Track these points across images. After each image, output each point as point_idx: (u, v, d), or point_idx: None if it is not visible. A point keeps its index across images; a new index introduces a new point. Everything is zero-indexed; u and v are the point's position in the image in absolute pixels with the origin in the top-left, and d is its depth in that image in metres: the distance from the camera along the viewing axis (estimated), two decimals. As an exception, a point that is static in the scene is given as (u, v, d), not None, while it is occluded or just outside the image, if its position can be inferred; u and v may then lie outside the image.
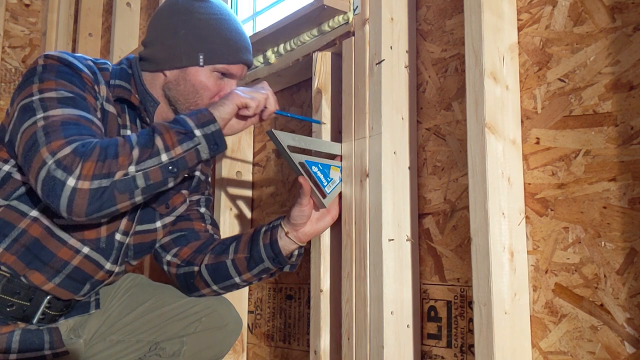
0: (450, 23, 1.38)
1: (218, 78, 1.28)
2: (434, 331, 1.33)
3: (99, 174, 1.03)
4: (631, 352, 1.01)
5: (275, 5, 2.02)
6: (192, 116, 1.14)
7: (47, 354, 1.18)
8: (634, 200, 1.03)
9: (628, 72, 1.06)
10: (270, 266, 1.31)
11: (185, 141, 1.10)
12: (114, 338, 1.32)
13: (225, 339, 1.36)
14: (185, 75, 1.27)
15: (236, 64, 1.29)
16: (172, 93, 1.28)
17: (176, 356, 1.31)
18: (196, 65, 1.26)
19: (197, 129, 1.12)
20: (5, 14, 2.97)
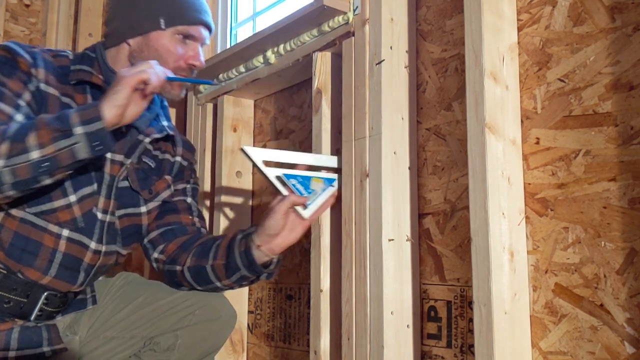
0: (450, 23, 1.38)
1: (181, 41, 1.28)
2: (434, 331, 1.33)
3: None
4: (631, 352, 1.01)
5: (275, 5, 2.02)
6: (78, 111, 1.08)
7: (46, 350, 1.18)
8: (634, 200, 1.03)
9: (628, 72, 1.06)
10: (247, 274, 1.28)
11: (60, 139, 1.05)
12: (108, 335, 1.31)
13: (220, 332, 1.35)
14: (147, 41, 1.27)
15: (197, 25, 1.29)
16: (136, 61, 1.27)
17: (171, 350, 1.30)
18: (158, 29, 1.26)
19: (78, 126, 1.06)
20: (5, 14, 2.97)
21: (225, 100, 1.93)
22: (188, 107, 2.12)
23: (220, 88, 1.95)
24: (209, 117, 2.02)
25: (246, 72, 1.83)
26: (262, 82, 1.81)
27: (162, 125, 1.38)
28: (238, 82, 1.87)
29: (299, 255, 1.75)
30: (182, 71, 1.30)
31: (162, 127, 1.38)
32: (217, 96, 1.97)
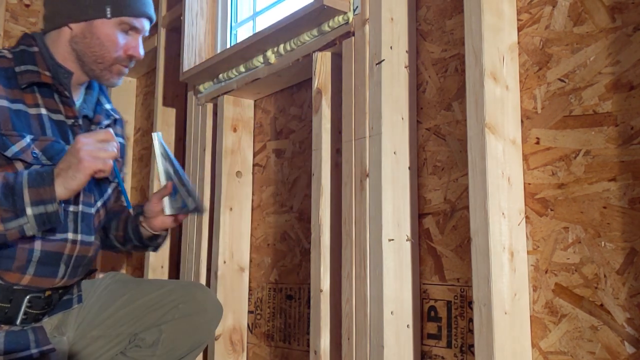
0: (450, 23, 1.38)
1: (123, 31, 1.30)
2: (434, 331, 1.33)
3: None
4: (631, 352, 1.01)
5: (275, 5, 2.02)
6: (32, 186, 1.09)
7: (34, 352, 1.18)
8: (634, 200, 1.03)
9: (628, 72, 1.06)
10: (138, 244, 1.44)
11: (12, 220, 1.07)
12: (95, 334, 1.32)
13: (205, 325, 1.36)
14: (91, 28, 1.28)
15: (141, 17, 1.32)
16: (79, 47, 1.29)
17: (155, 345, 1.31)
18: (103, 18, 1.28)
19: (30, 207, 1.07)
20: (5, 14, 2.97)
21: (225, 100, 1.93)
22: (188, 107, 2.12)
23: (220, 88, 1.95)
24: (209, 117, 2.02)
25: (246, 72, 1.83)
26: (262, 82, 1.81)
27: (106, 110, 1.41)
28: (238, 82, 1.87)
29: (299, 255, 1.75)
30: (122, 62, 1.32)
31: (107, 111, 1.41)
32: (217, 96, 1.97)
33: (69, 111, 1.28)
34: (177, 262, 2.17)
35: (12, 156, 1.16)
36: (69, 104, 1.28)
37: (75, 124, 1.29)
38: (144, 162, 2.54)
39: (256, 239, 1.92)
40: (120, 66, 1.32)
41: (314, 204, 1.52)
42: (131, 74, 2.63)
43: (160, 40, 2.30)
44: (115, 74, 1.33)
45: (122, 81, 1.37)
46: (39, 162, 1.19)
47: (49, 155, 1.21)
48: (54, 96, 1.27)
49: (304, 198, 1.76)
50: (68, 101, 1.28)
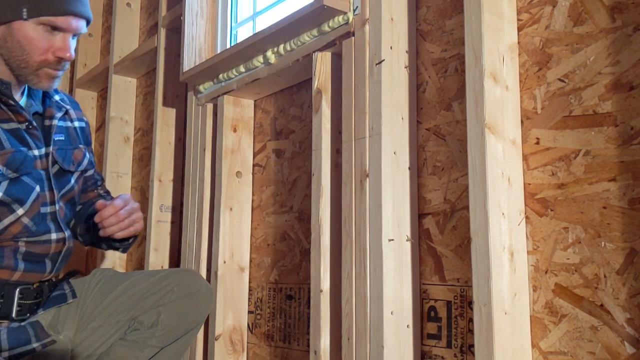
0: (450, 23, 1.38)
1: (47, 32, 1.23)
2: (434, 331, 1.33)
3: None
4: (631, 352, 1.01)
5: (275, 5, 2.02)
6: None
7: (36, 345, 1.20)
8: (634, 200, 1.03)
9: (628, 72, 1.06)
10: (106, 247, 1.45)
11: None
12: (94, 325, 1.34)
13: (199, 305, 1.39)
14: (10, 31, 1.22)
15: (64, 16, 1.23)
16: (3, 51, 1.24)
17: (155, 326, 1.33)
18: (20, 19, 1.21)
19: None
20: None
21: (225, 100, 1.93)
22: (188, 107, 2.12)
23: (220, 88, 1.95)
24: (209, 117, 2.02)
25: (246, 72, 1.83)
26: (262, 82, 1.81)
27: (56, 102, 1.38)
28: (238, 82, 1.87)
29: (299, 255, 1.75)
30: (50, 65, 1.26)
31: (57, 103, 1.37)
32: (217, 96, 1.97)
33: (19, 117, 1.25)
34: (177, 262, 2.18)
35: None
36: (17, 110, 1.25)
37: (30, 126, 1.26)
38: (144, 162, 2.54)
39: (256, 239, 1.92)
40: (48, 69, 1.25)
41: (314, 204, 1.52)
42: (131, 74, 2.63)
43: (160, 40, 2.30)
44: (44, 77, 1.26)
45: (56, 84, 1.30)
46: (7, 177, 1.19)
47: (14, 167, 1.20)
48: (1, 106, 1.24)
49: (304, 198, 1.76)
50: (16, 108, 1.25)
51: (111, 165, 2.55)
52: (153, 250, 2.18)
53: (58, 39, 1.24)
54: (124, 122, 2.64)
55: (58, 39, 1.24)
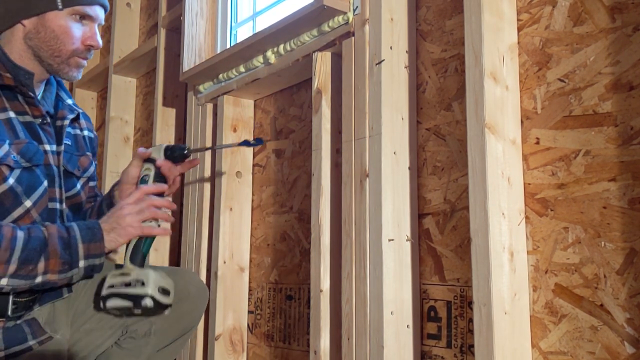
0: (450, 23, 1.38)
1: (77, 21, 1.28)
2: (433, 331, 1.33)
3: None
4: (631, 352, 1.01)
5: (275, 5, 2.02)
6: (85, 242, 1.16)
7: (32, 343, 1.19)
8: (634, 200, 1.03)
9: (628, 72, 1.06)
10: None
11: (66, 272, 1.14)
12: (87, 327, 1.32)
13: (192, 309, 1.37)
14: (44, 21, 1.26)
15: (94, 5, 1.30)
16: (34, 42, 1.27)
17: (148, 335, 1.32)
18: (55, 9, 1.25)
19: (82, 260, 1.15)
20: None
21: (225, 100, 1.93)
22: (188, 107, 2.12)
23: (220, 88, 1.95)
24: (209, 117, 2.02)
25: (246, 72, 1.83)
26: (262, 82, 1.81)
27: (68, 105, 1.40)
28: (238, 82, 1.87)
29: (299, 255, 1.75)
30: (80, 53, 1.30)
31: (69, 106, 1.40)
32: (217, 96, 1.97)
33: (35, 110, 1.28)
34: (177, 262, 2.17)
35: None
36: (34, 103, 1.27)
37: (44, 122, 1.29)
38: (144, 162, 2.54)
39: (256, 239, 1.92)
40: (78, 58, 1.30)
41: (314, 204, 1.52)
42: (131, 74, 2.63)
43: (160, 40, 2.30)
44: (74, 66, 1.31)
45: (81, 74, 1.34)
46: (20, 165, 1.20)
47: (27, 157, 1.22)
48: (18, 98, 1.26)
49: (304, 198, 1.76)
50: (33, 101, 1.27)
51: (111, 165, 2.55)
52: (153, 250, 2.18)
53: (87, 28, 1.30)
54: (124, 122, 2.64)
55: (87, 28, 1.30)
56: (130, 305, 1.18)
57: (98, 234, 1.18)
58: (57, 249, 1.13)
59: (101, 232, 1.18)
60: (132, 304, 1.18)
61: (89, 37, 1.30)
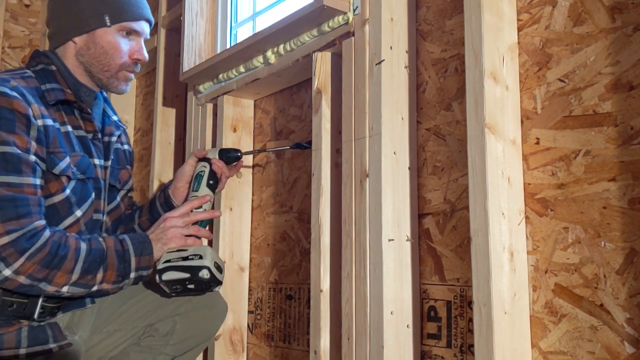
0: (450, 23, 1.38)
1: (124, 37, 1.36)
2: (433, 331, 1.33)
3: (35, 277, 1.14)
4: (631, 352, 1.01)
5: (275, 5, 2.02)
6: (137, 254, 1.25)
7: (53, 346, 1.22)
8: (634, 200, 1.03)
9: (628, 72, 1.06)
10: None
11: (119, 282, 1.24)
12: (110, 328, 1.36)
13: (214, 319, 1.43)
14: (94, 38, 1.34)
15: (140, 20, 1.37)
16: (85, 59, 1.34)
17: (169, 335, 1.36)
18: (103, 27, 1.33)
19: (134, 272, 1.25)
20: (5, 14, 2.97)
21: (225, 100, 1.93)
22: (188, 107, 2.12)
23: (220, 88, 1.95)
24: (209, 117, 2.02)
25: (246, 72, 1.83)
26: (262, 82, 1.81)
27: (114, 121, 1.47)
28: (238, 82, 1.87)
29: (299, 255, 1.75)
30: (128, 67, 1.37)
31: (115, 123, 1.47)
32: (217, 96, 1.97)
33: (88, 126, 1.35)
34: (177, 262, 2.17)
35: (59, 173, 1.23)
36: (89, 119, 1.35)
37: (95, 137, 1.36)
38: (144, 162, 2.54)
39: (256, 239, 1.92)
40: (126, 72, 1.37)
41: (314, 204, 1.52)
42: (131, 74, 2.63)
43: (160, 40, 2.30)
44: (122, 80, 1.38)
45: (129, 87, 1.41)
46: (76, 176, 1.28)
47: (82, 170, 1.29)
48: (75, 112, 1.33)
49: (304, 198, 1.76)
50: (89, 117, 1.35)
51: (111, 165, 2.55)
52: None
53: (134, 43, 1.38)
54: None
55: (134, 43, 1.38)
56: (187, 277, 1.24)
57: (148, 247, 1.27)
58: (115, 262, 1.22)
59: (151, 246, 1.27)
60: (190, 275, 1.24)
61: (136, 51, 1.37)
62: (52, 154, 1.23)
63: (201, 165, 1.43)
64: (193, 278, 1.25)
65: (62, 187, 1.24)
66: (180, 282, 1.26)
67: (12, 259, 1.11)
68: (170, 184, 1.52)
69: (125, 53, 1.35)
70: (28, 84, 1.25)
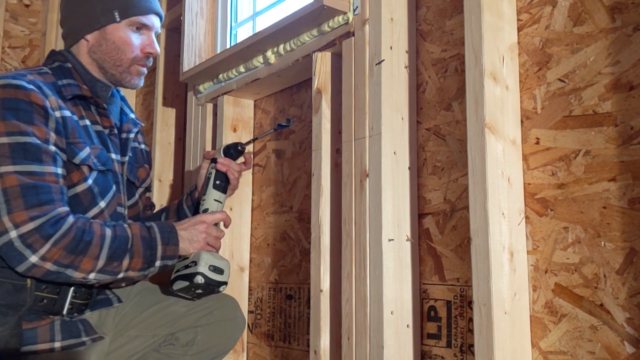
0: (450, 23, 1.38)
1: (134, 31, 1.37)
2: (433, 331, 1.33)
3: (61, 263, 1.14)
4: (631, 352, 1.01)
5: (275, 5, 2.02)
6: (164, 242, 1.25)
7: (85, 339, 1.24)
8: (634, 200, 1.03)
9: (628, 72, 1.06)
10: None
11: (144, 270, 1.23)
12: (132, 334, 1.37)
13: (234, 332, 1.44)
14: (104, 34, 1.35)
15: (149, 14, 1.38)
16: (98, 55, 1.36)
17: (190, 345, 1.38)
18: (113, 22, 1.35)
19: (159, 260, 1.24)
20: (5, 14, 2.97)
21: (225, 100, 1.93)
22: (188, 107, 2.12)
23: (220, 88, 1.95)
24: (209, 117, 2.03)
25: (246, 72, 1.83)
26: (262, 82, 1.81)
27: (131, 119, 1.48)
28: (238, 82, 1.87)
29: (299, 255, 1.75)
30: (140, 61, 1.38)
31: (133, 120, 1.48)
32: (217, 96, 1.97)
33: (105, 121, 1.37)
34: (177, 262, 2.17)
35: (79, 162, 1.24)
36: (105, 114, 1.37)
37: (111, 132, 1.37)
38: (144, 162, 2.54)
39: (256, 239, 1.92)
40: (137, 66, 1.38)
41: (314, 204, 1.52)
42: (131, 74, 2.63)
43: (160, 40, 2.30)
44: (135, 74, 1.39)
45: (142, 82, 1.42)
46: (97, 167, 1.29)
47: (102, 162, 1.30)
48: (91, 108, 1.35)
49: (304, 198, 1.76)
50: (105, 112, 1.37)
51: (111, 165, 2.55)
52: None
53: (145, 37, 1.38)
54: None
55: (145, 37, 1.38)
56: (188, 284, 1.27)
57: (174, 238, 1.26)
58: (141, 249, 1.22)
59: (177, 237, 1.27)
60: (189, 283, 1.26)
61: (147, 44, 1.38)
62: (71, 145, 1.24)
63: (210, 167, 1.44)
64: (192, 285, 1.27)
65: (83, 177, 1.25)
66: (187, 289, 1.30)
67: (38, 245, 1.11)
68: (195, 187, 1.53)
69: (137, 47, 1.36)
70: (45, 79, 1.27)
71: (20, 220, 1.11)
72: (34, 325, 1.18)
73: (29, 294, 1.19)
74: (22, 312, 1.18)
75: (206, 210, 1.38)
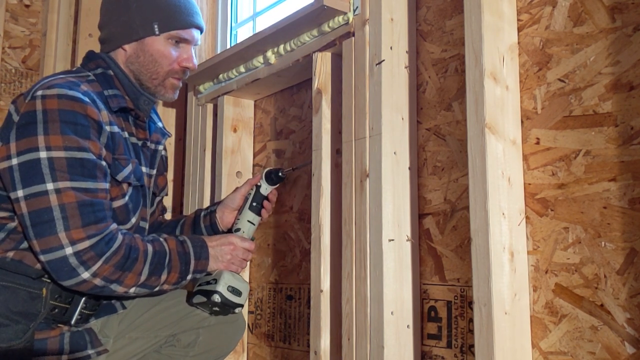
0: (450, 23, 1.38)
1: (174, 45, 1.34)
2: (434, 331, 1.33)
3: (108, 279, 1.16)
4: (631, 352, 1.01)
5: (275, 5, 2.02)
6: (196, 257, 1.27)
7: (91, 353, 1.23)
8: (634, 200, 1.03)
9: (628, 72, 1.06)
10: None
11: (179, 283, 1.26)
12: (133, 335, 1.37)
13: (235, 334, 1.44)
14: (143, 46, 1.33)
15: (189, 28, 1.35)
16: (134, 66, 1.33)
17: (191, 347, 1.38)
18: (152, 35, 1.32)
19: (191, 274, 1.27)
20: (5, 14, 2.97)
21: (225, 101, 1.93)
22: (188, 107, 2.12)
23: (220, 88, 1.95)
24: (209, 117, 2.03)
25: (246, 72, 1.83)
26: (262, 82, 1.81)
27: (159, 128, 1.46)
28: (238, 82, 1.87)
29: (299, 255, 1.75)
30: (176, 74, 1.36)
31: (161, 130, 1.47)
32: (217, 96, 1.97)
33: (140, 134, 1.36)
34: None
35: (122, 179, 1.25)
36: (143, 127, 1.37)
37: (144, 144, 1.37)
38: (144, 162, 2.54)
39: (256, 239, 1.92)
40: (173, 79, 1.36)
41: (314, 204, 1.52)
42: (131, 74, 2.62)
43: (160, 41, 2.29)
44: (170, 88, 1.36)
45: (177, 95, 1.40)
46: (134, 183, 1.29)
47: (137, 177, 1.31)
48: (129, 119, 1.34)
49: (304, 198, 1.76)
50: (143, 125, 1.36)
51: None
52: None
53: (183, 50, 1.36)
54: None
55: (183, 50, 1.36)
56: (205, 301, 1.30)
57: (205, 253, 1.29)
58: (178, 264, 1.24)
59: (208, 252, 1.29)
60: (206, 299, 1.30)
61: (185, 59, 1.35)
62: (117, 161, 1.24)
63: (252, 189, 1.46)
64: (209, 302, 1.30)
65: (122, 193, 1.26)
66: (205, 305, 1.33)
67: (92, 262, 1.12)
68: (216, 206, 1.50)
69: (174, 60, 1.34)
70: (94, 89, 1.26)
71: (78, 238, 1.11)
72: (44, 336, 1.18)
73: (43, 303, 1.18)
74: (37, 324, 1.17)
75: (238, 230, 1.40)
